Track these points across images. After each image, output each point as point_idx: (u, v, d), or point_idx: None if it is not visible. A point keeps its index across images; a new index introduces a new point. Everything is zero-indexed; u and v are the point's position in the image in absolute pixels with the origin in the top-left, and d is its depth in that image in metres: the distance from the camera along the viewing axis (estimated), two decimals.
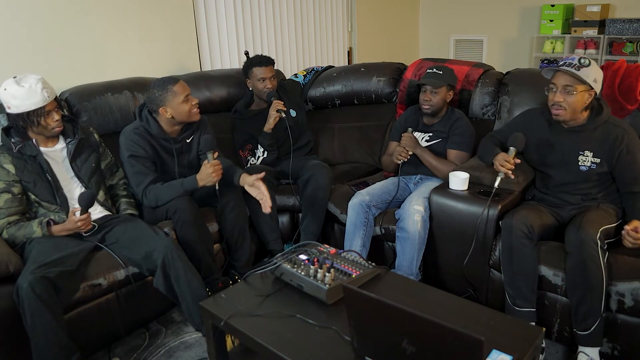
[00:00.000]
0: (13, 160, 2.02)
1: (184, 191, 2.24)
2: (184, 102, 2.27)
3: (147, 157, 2.29)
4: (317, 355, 1.38)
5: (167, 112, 2.27)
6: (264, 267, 1.76)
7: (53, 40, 2.63)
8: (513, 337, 1.36)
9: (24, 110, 1.98)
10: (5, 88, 1.98)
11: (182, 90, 2.27)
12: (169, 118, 2.29)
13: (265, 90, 2.79)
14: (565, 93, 1.96)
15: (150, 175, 2.28)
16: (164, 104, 2.26)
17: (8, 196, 1.99)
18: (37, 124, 2.02)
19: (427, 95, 2.48)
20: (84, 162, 2.19)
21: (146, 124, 2.31)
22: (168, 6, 3.13)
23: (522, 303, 1.94)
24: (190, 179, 2.25)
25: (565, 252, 1.90)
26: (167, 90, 2.25)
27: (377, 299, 1.21)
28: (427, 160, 2.48)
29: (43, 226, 1.97)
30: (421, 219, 2.20)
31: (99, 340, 2.09)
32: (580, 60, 1.94)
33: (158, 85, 2.27)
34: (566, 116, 2.00)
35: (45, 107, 2.01)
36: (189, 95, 2.30)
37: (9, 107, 1.99)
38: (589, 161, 2.02)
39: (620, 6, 4.80)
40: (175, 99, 2.25)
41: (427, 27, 5.93)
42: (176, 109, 2.27)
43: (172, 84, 2.26)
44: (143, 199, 2.27)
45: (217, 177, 2.23)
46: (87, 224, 2.01)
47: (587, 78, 1.92)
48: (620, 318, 1.83)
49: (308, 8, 4.23)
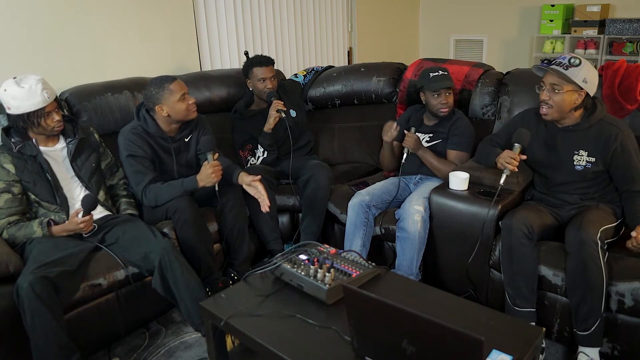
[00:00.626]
0: (13, 160, 2.02)
1: (183, 191, 2.24)
2: (180, 100, 2.26)
3: (145, 156, 2.29)
4: (317, 355, 1.38)
5: (163, 110, 2.27)
6: (264, 267, 1.76)
7: (53, 40, 2.63)
8: (513, 337, 1.36)
9: (24, 111, 1.98)
10: (5, 89, 1.97)
11: (179, 88, 2.27)
12: (166, 116, 2.29)
13: (265, 90, 2.78)
14: (552, 92, 1.96)
15: (150, 174, 2.28)
16: (160, 102, 2.25)
17: (8, 196, 1.99)
18: (38, 125, 2.02)
19: (444, 98, 2.46)
20: (84, 162, 2.19)
21: (144, 123, 2.31)
22: (168, 6, 3.13)
23: (522, 303, 1.94)
24: (190, 179, 2.25)
25: (565, 252, 1.90)
26: (164, 88, 2.24)
27: (377, 299, 1.21)
28: (429, 160, 2.48)
29: (43, 226, 1.97)
30: (421, 219, 2.20)
31: (99, 340, 2.09)
32: (571, 59, 1.92)
33: (155, 83, 2.26)
34: (553, 115, 1.99)
35: (45, 108, 2.01)
36: (185, 94, 2.29)
37: (9, 108, 1.99)
38: (584, 160, 2.01)
39: (620, 6, 4.80)
40: (172, 97, 2.25)
41: (427, 27, 5.93)
42: (172, 107, 2.26)
43: (169, 82, 2.26)
44: (143, 198, 2.27)
45: (217, 179, 2.23)
46: (89, 225, 2.01)
47: (574, 78, 1.91)
48: (620, 318, 1.83)
49: (308, 8, 4.23)
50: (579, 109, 2.00)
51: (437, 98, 2.47)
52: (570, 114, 2.01)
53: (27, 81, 1.98)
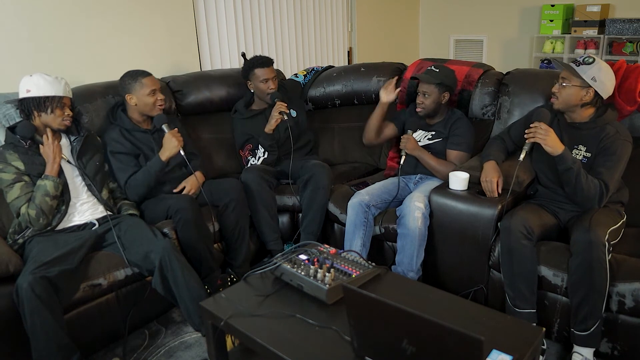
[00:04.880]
0: (20, 156, 2.03)
1: (154, 173, 2.32)
2: (149, 95, 2.37)
3: (126, 152, 2.36)
4: (317, 355, 1.38)
5: (132, 100, 2.38)
6: (264, 267, 1.76)
7: (54, 41, 2.63)
8: (513, 337, 1.36)
9: (43, 94, 2.03)
10: (31, 75, 2.06)
11: (151, 84, 2.38)
12: (134, 106, 2.38)
13: (269, 91, 2.77)
14: (561, 85, 2.03)
15: (129, 170, 2.35)
16: (130, 91, 2.37)
17: (22, 183, 2.02)
18: (50, 112, 2.06)
19: (419, 98, 2.50)
20: (89, 160, 2.21)
21: (119, 120, 2.41)
22: (168, 6, 3.13)
23: (523, 304, 1.94)
24: (154, 159, 2.34)
25: (566, 252, 1.89)
26: (137, 80, 2.36)
27: (377, 299, 1.21)
28: (427, 162, 2.48)
29: (47, 177, 2.00)
30: (422, 215, 2.20)
31: (99, 340, 2.09)
32: (585, 58, 1.99)
33: (130, 75, 2.39)
34: (559, 106, 2.05)
35: (63, 98, 2.09)
36: (156, 91, 2.40)
37: (28, 91, 2.04)
38: (581, 155, 2.04)
39: (620, 6, 4.80)
40: (142, 90, 2.36)
41: (427, 27, 5.93)
42: (140, 99, 2.37)
43: (143, 76, 2.38)
44: (126, 192, 2.35)
45: (180, 143, 2.34)
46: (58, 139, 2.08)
47: (583, 74, 1.96)
48: (620, 318, 1.83)
49: (308, 8, 4.23)
50: (588, 107, 2.03)
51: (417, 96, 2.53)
52: (578, 110, 2.04)
53: (52, 76, 2.08)
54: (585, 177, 1.92)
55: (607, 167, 1.95)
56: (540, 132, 1.96)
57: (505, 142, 2.33)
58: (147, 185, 2.33)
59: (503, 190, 2.13)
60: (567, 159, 1.93)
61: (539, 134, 1.97)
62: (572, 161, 1.93)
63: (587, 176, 1.93)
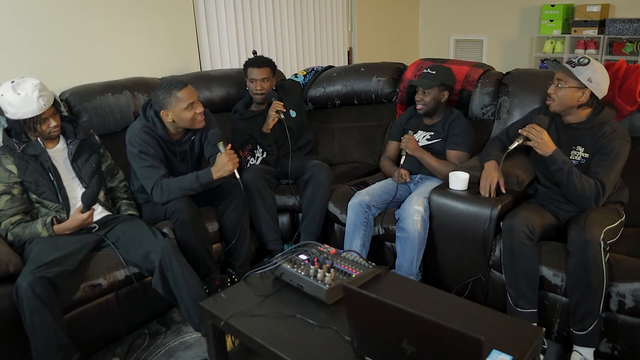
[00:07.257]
0: (15, 160, 2.02)
1: (199, 184, 2.20)
2: (187, 109, 2.20)
3: (154, 154, 2.25)
4: (317, 355, 1.38)
5: (168, 116, 2.23)
6: (264, 267, 1.76)
7: (53, 41, 2.63)
8: (513, 337, 1.37)
9: (19, 117, 1.98)
10: (2, 94, 1.96)
11: (187, 97, 2.20)
12: (170, 122, 2.26)
13: (255, 91, 2.79)
14: (556, 86, 2.03)
15: (162, 169, 2.24)
16: (166, 107, 2.21)
17: (7, 197, 1.99)
18: (34, 130, 2.03)
19: (418, 96, 2.51)
20: (84, 163, 2.19)
21: (152, 124, 2.26)
22: (168, 6, 3.13)
23: (524, 304, 1.94)
24: (205, 171, 2.20)
25: (566, 252, 1.89)
26: (171, 94, 2.19)
27: (377, 299, 1.21)
28: (428, 162, 2.48)
29: (48, 226, 1.97)
30: (421, 219, 2.20)
31: (99, 340, 2.09)
32: (580, 59, 1.99)
33: (163, 88, 2.21)
34: (555, 108, 2.05)
35: (42, 115, 2.00)
36: (194, 103, 2.22)
37: (6, 112, 2.00)
38: (579, 155, 2.04)
39: (620, 6, 4.80)
40: (178, 105, 2.19)
41: (427, 27, 5.93)
42: (178, 115, 2.22)
43: (178, 89, 2.19)
44: (153, 193, 2.21)
45: (234, 166, 2.20)
46: (89, 218, 2.01)
47: (579, 76, 1.95)
48: (620, 318, 1.83)
49: (308, 8, 4.23)
50: (585, 107, 2.03)
51: (416, 94, 2.54)
52: (575, 111, 2.04)
53: (24, 87, 1.96)
54: (578, 178, 1.93)
55: (603, 166, 1.95)
56: (534, 131, 2.00)
57: (504, 143, 2.33)
58: (185, 193, 2.20)
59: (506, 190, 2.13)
60: (558, 160, 1.96)
61: (532, 134, 2.00)
62: (563, 162, 1.95)
63: (580, 176, 1.94)
